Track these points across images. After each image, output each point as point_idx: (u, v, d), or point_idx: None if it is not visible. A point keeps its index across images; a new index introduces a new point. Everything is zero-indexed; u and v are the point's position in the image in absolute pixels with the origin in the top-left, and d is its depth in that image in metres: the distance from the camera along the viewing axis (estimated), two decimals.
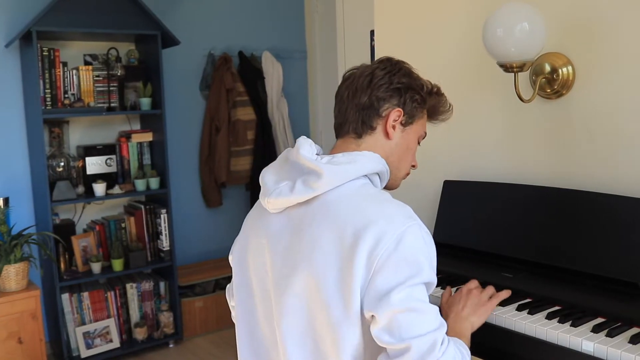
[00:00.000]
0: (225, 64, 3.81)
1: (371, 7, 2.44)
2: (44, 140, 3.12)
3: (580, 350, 1.22)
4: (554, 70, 1.71)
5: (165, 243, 3.46)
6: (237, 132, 3.81)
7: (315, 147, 1.21)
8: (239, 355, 1.29)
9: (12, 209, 3.06)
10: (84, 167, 3.29)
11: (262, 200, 1.20)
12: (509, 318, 1.36)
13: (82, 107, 3.24)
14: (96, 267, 3.23)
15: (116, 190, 3.33)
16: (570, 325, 1.29)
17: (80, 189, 3.25)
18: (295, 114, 4.22)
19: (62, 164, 3.18)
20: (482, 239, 1.75)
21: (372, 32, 3.60)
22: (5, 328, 2.77)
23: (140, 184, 3.37)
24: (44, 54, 3.11)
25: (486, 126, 1.96)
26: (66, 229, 3.26)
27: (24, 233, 2.89)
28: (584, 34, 1.66)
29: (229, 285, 1.43)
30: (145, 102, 3.37)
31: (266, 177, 1.21)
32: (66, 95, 3.23)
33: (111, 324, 3.35)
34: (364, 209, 1.09)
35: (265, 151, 3.93)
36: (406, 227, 1.06)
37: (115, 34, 3.26)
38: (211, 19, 3.92)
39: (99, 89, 3.33)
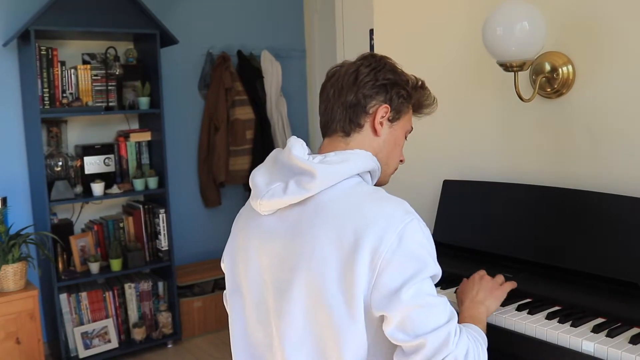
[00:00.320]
0: (224, 63, 3.80)
1: (370, 6, 2.44)
2: (42, 139, 3.12)
3: (580, 350, 1.22)
4: (554, 70, 1.71)
5: (163, 243, 3.45)
6: (236, 132, 3.81)
7: (306, 147, 1.19)
8: None
9: (10, 209, 3.04)
10: (82, 167, 3.28)
11: (254, 202, 1.18)
12: (509, 318, 1.35)
13: (80, 107, 3.23)
14: (94, 267, 3.22)
15: (114, 190, 3.32)
16: (571, 326, 1.28)
17: (79, 189, 3.25)
18: (294, 113, 4.21)
19: (60, 163, 3.17)
20: (482, 239, 1.75)
21: (372, 31, 3.60)
22: (3, 328, 2.77)
23: (139, 184, 3.37)
24: (42, 53, 3.10)
25: (486, 125, 1.96)
26: (64, 229, 3.25)
27: (22, 233, 2.88)
28: (584, 33, 1.66)
29: (225, 292, 1.42)
30: (144, 102, 3.36)
31: (257, 179, 1.18)
32: (64, 95, 3.22)
33: (109, 324, 3.34)
34: (362, 208, 1.09)
35: (264, 151, 3.91)
36: (406, 223, 1.06)
37: (114, 33, 3.25)
38: (210, 18, 3.91)
39: (97, 88, 3.32)
